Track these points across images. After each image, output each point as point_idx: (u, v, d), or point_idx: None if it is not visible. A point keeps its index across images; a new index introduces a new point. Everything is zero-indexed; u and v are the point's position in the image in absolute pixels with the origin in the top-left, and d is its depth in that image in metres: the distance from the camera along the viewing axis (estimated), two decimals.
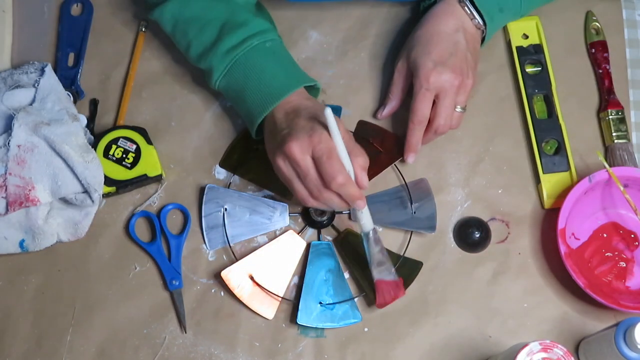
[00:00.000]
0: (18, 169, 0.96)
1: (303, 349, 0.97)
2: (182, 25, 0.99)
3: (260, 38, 0.97)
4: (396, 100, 1.05)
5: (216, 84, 0.98)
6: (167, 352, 0.97)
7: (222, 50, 0.96)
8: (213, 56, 0.97)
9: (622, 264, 1.01)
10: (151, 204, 1.03)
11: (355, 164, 0.88)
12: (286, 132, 0.89)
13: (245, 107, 0.97)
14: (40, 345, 0.97)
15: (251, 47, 0.96)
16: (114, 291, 0.99)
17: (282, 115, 0.92)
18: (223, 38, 0.96)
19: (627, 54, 1.10)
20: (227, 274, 0.98)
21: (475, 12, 1.00)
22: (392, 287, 0.95)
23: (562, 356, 0.82)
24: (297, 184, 0.90)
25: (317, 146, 0.86)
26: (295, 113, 0.91)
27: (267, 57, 0.97)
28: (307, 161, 0.87)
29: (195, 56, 0.99)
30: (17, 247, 0.99)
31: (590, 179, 0.98)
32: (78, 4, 1.11)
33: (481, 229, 1.01)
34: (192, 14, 0.99)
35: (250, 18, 0.98)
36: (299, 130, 0.88)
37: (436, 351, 0.97)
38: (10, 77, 1.03)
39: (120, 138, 1.02)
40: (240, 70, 0.96)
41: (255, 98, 0.95)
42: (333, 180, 0.86)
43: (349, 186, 0.87)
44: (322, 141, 0.86)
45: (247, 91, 0.96)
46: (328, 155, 0.86)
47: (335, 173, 0.86)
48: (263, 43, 0.97)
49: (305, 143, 0.87)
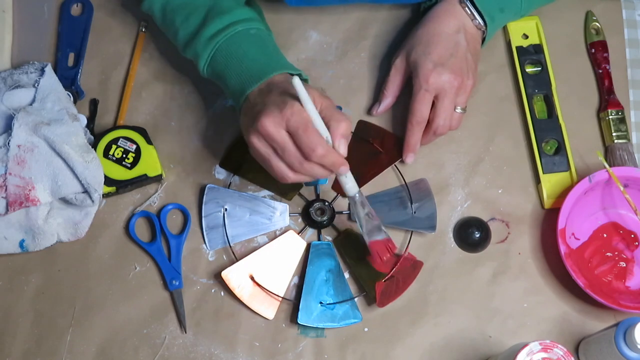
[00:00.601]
0: (18, 169, 0.96)
1: (303, 349, 0.97)
2: (170, 14, 0.99)
3: (245, 25, 0.96)
4: (391, 97, 1.05)
5: (203, 70, 0.97)
6: (167, 352, 0.97)
7: (206, 36, 0.95)
8: (197, 43, 0.96)
9: (622, 264, 1.01)
10: (151, 204, 1.03)
11: (335, 131, 0.86)
12: (258, 109, 0.87)
13: (229, 92, 0.95)
14: (40, 345, 0.97)
15: (235, 32, 0.95)
16: (114, 291, 0.99)
17: (256, 93, 0.91)
18: (207, 24, 0.95)
19: (627, 54, 1.10)
20: (227, 274, 0.98)
21: (476, 12, 1.00)
22: (384, 246, 0.95)
23: (562, 356, 0.82)
24: (275, 160, 0.87)
25: (290, 119, 0.83)
26: (268, 89, 0.89)
27: (250, 42, 0.95)
28: (283, 135, 0.84)
29: (182, 45, 0.98)
30: (17, 247, 0.99)
31: (590, 179, 0.98)
32: (78, 4, 1.11)
33: (481, 229, 1.01)
34: (180, 1, 0.98)
35: (235, 6, 0.97)
36: (270, 105, 0.85)
37: (436, 351, 0.97)
38: (10, 77, 1.03)
39: (120, 138, 1.02)
40: (222, 55, 0.95)
41: (236, 82, 0.93)
42: (312, 152, 0.84)
43: (330, 155, 0.85)
44: (295, 112, 0.83)
45: (228, 76, 0.94)
46: (304, 128, 0.83)
47: (314, 144, 0.83)
48: (247, 30, 0.96)
49: (277, 117, 0.84)
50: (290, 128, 0.84)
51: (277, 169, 0.87)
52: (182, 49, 0.99)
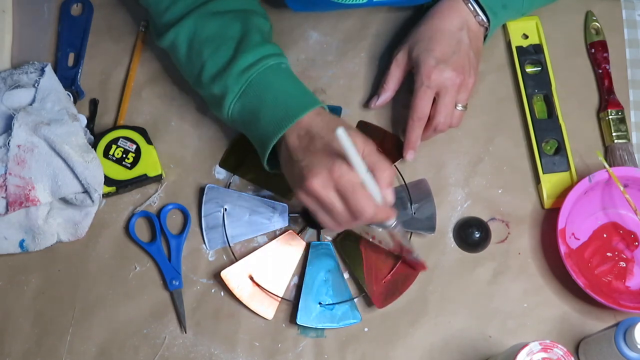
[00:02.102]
0: (18, 169, 0.97)
1: (303, 349, 0.97)
2: (198, 46, 0.95)
3: (276, 59, 0.94)
4: (390, 91, 1.04)
5: (230, 107, 0.93)
6: (167, 352, 0.97)
7: (238, 69, 0.92)
8: (228, 76, 0.92)
9: (622, 264, 1.01)
10: (151, 204, 1.03)
11: (381, 180, 0.85)
12: (304, 165, 0.85)
13: (260, 130, 0.92)
14: (40, 345, 0.97)
15: (267, 66, 0.92)
16: (114, 291, 0.99)
17: (295, 140, 0.88)
18: (239, 57, 0.92)
19: (627, 54, 1.10)
20: (227, 274, 0.98)
21: (479, 8, 1.00)
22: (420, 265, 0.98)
23: (562, 356, 0.82)
24: (322, 215, 0.86)
25: (339, 181, 0.82)
26: (310, 139, 0.87)
27: (283, 77, 0.93)
28: (331, 196, 0.83)
29: (208, 78, 0.95)
30: (17, 247, 0.99)
31: (590, 179, 0.98)
32: (78, 4, 1.11)
33: (481, 229, 1.01)
34: (209, 33, 0.95)
35: (264, 41, 0.95)
36: (317, 165, 0.84)
37: (436, 351, 0.97)
38: (10, 77, 1.03)
39: (120, 138, 1.02)
40: (255, 89, 0.92)
41: (271, 117, 0.90)
42: (361, 214, 0.83)
43: (378, 215, 0.85)
44: (343, 174, 0.82)
45: (262, 111, 0.91)
46: (352, 190, 0.82)
47: (363, 207, 0.83)
48: (279, 64, 0.94)
49: (326, 178, 0.83)
50: (339, 189, 0.83)
51: (326, 223, 0.87)
52: (207, 83, 0.95)
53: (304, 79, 1.07)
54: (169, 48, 0.99)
